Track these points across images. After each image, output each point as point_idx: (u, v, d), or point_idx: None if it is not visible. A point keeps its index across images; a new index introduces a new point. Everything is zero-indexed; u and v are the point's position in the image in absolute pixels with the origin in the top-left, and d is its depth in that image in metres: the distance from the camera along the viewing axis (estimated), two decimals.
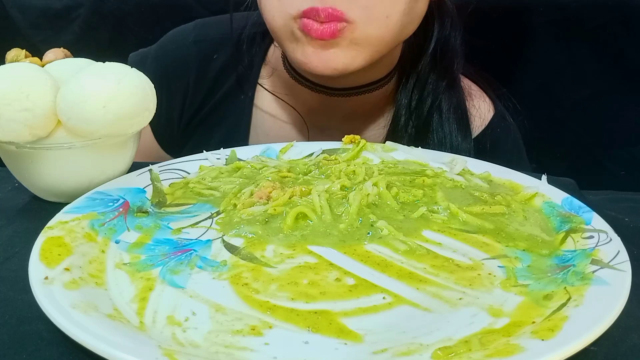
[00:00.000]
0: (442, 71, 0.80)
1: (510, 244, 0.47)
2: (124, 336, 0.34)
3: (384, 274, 0.43)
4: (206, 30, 0.87)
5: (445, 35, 0.79)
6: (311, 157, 0.65)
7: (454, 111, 0.80)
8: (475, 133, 0.82)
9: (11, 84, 0.49)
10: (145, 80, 0.54)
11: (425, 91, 0.80)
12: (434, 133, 0.79)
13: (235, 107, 0.84)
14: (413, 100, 0.80)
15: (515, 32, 0.95)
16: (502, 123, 0.85)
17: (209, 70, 0.84)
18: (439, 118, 0.80)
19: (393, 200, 0.53)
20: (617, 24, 0.95)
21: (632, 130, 0.98)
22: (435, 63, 0.79)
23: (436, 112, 0.80)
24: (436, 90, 0.80)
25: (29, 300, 0.37)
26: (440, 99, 0.79)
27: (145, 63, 0.86)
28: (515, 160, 0.82)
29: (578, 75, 0.99)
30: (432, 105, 0.79)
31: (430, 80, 0.80)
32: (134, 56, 0.89)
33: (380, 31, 0.66)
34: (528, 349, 0.32)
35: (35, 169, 0.53)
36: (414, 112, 0.80)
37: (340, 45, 0.66)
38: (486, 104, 0.85)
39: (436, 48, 0.78)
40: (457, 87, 0.82)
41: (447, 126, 0.79)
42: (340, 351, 0.35)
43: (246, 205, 0.51)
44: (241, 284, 0.41)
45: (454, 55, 0.80)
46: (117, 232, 0.47)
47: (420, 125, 0.79)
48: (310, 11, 0.64)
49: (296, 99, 0.83)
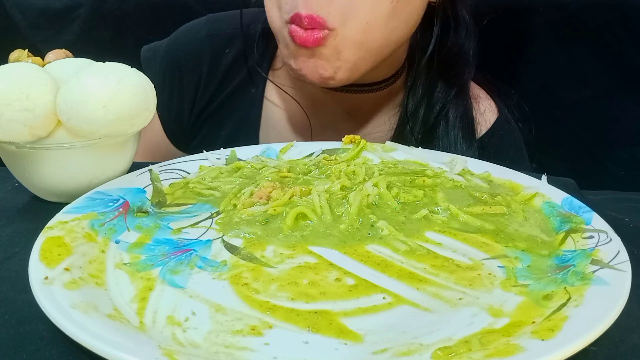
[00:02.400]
0: (452, 79, 0.80)
1: (509, 244, 0.47)
2: (124, 336, 0.34)
3: (384, 274, 0.43)
4: (219, 24, 0.87)
5: (459, 44, 0.79)
6: (311, 157, 0.65)
7: (461, 119, 0.80)
8: (478, 135, 0.83)
9: (11, 84, 0.49)
10: (145, 80, 0.54)
11: (434, 99, 0.80)
12: (439, 140, 0.80)
13: (246, 100, 0.85)
14: (421, 108, 0.80)
15: (515, 32, 0.95)
16: (505, 126, 0.85)
17: (221, 64, 0.85)
18: (445, 126, 0.80)
19: (393, 201, 0.53)
20: (617, 24, 0.94)
21: (632, 130, 0.98)
22: (444, 71, 0.79)
23: (443, 119, 0.80)
24: (445, 99, 0.80)
25: (29, 300, 0.37)
26: (447, 107, 0.80)
27: (157, 56, 0.87)
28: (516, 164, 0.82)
29: (578, 75, 0.99)
30: (439, 114, 0.80)
31: (440, 88, 0.80)
32: (146, 50, 0.89)
33: (361, 37, 0.67)
34: (528, 349, 0.32)
35: (35, 169, 0.53)
36: (420, 119, 0.80)
37: (323, 55, 0.67)
38: (491, 108, 0.85)
39: (445, 55, 0.78)
40: (466, 95, 0.82)
41: (452, 134, 0.79)
42: (340, 351, 0.35)
43: (246, 205, 0.51)
44: (241, 284, 0.41)
45: (465, 65, 0.80)
46: (117, 232, 0.47)
47: (426, 132, 0.80)
48: (295, 17, 0.65)
49: (302, 93, 0.83)
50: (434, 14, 0.75)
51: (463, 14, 0.79)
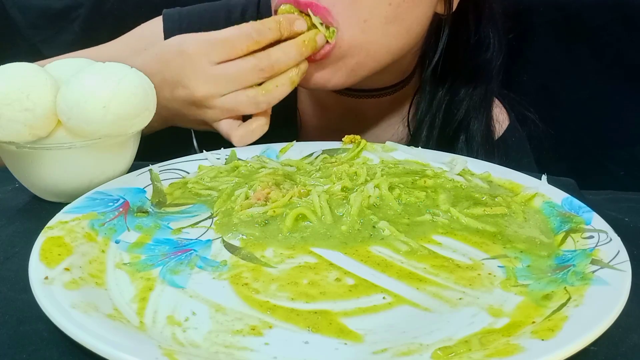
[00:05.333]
0: (477, 94, 0.79)
1: (507, 245, 0.47)
2: (124, 336, 0.34)
3: (384, 274, 0.43)
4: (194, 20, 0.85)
5: (476, 59, 0.78)
6: (311, 157, 0.65)
7: (481, 133, 0.79)
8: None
9: (11, 84, 0.49)
10: (145, 80, 0.54)
11: (452, 110, 0.79)
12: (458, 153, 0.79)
13: None
14: (437, 117, 0.79)
15: (515, 32, 0.95)
16: (516, 133, 0.86)
17: None
18: (465, 139, 0.79)
19: (395, 202, 0.52)
20: (617, 24, 0.94)
21: (632, 130, 0.97)
22: (464, 83, 0.79)
23: (463, 132, 0.79)
24: (466, 111, 0.79)
25: (29, 300, 0.37)
26: (468, 120, 0.79)
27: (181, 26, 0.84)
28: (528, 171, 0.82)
29: (578, 75, 0.99)
30: (459, 125, 0.79)
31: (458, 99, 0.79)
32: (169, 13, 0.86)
33: (360, 38, 0.66)
34: (528, 349, 0.32)
35: (35, 169, 0.53)
36: (437, 128, 0.79)
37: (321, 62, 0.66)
38: (503, 114, 0.86)
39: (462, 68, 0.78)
40: (487, 109, 0.81)
41: (474, 146, 0.79)
42: (340, 351, 0.35)
43: (244, 207, 0.51)
44: (241, 284, 0.41)
45: (485, 79, 0.80)
46: (117, 232, 0.47)
47: (444, 143, 0.79)
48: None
49: (312, 95, 0.84)
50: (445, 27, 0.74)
51: (487, 29, 0.78)
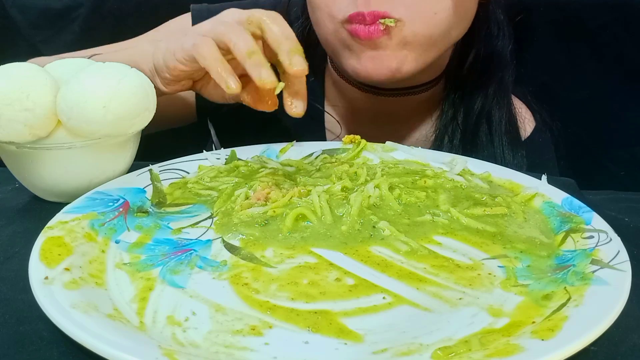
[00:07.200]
0: (494, 82, 0.79)
1: (507, 245, 0.47)
2: (124, 336, 0.34)
3: (384, 274, 0.43)
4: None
5: (495, 45, 0.78)
6: (311, 157, 0.65)
7: (506, 124, 0.79)
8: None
9: (11, 84, 0.49)
10: (145, 80, 0.54)
11: (472, 101, 0.79)
12: (483, 149, 0.78)
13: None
14: (459, 112, 0.79)
15: (515, 31, 0.95)
16: (542, 135, 0.85)
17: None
18: (489, 131, 0.78)
19: (395, 202, 0.52)
20: (617, 24, 0.94)
21: (632, 130, 0.97)
22: (482, 72, 0.79)
23: (485, 123, 0.79)
24: (484, 100, 0.79)
25: (29, 300, 0.37)
26: (488, 109, 0.78)
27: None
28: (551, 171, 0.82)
29: (578, 75, 0.99)
30: (479, 115, 0.78)
31: (477, 89, 0.79)
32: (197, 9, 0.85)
33: (428, 29, 0.66)
34: (528, 349, 0.32)
35: (35, 169, 0.53)
36: (460, 123, 0.79)
37: (389, 46, 0.66)
38: (527, 113, 0.85)
39: (484, 57, 0.78)
40: (506, 97, 0.81)
41: (497, 139, 0.78)
42: (340, 351, 0.35)
43: (244, 207, 0.51)
44: (241, 284, 0.41)
45: (502, 66, 0.79)
46: (117, 232, 0.47)
47: (468, 137, 0.78)
48: (357, 16, 0.64)
49: (342, 96, 0.83)
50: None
51: (498, 14, 0.78)
